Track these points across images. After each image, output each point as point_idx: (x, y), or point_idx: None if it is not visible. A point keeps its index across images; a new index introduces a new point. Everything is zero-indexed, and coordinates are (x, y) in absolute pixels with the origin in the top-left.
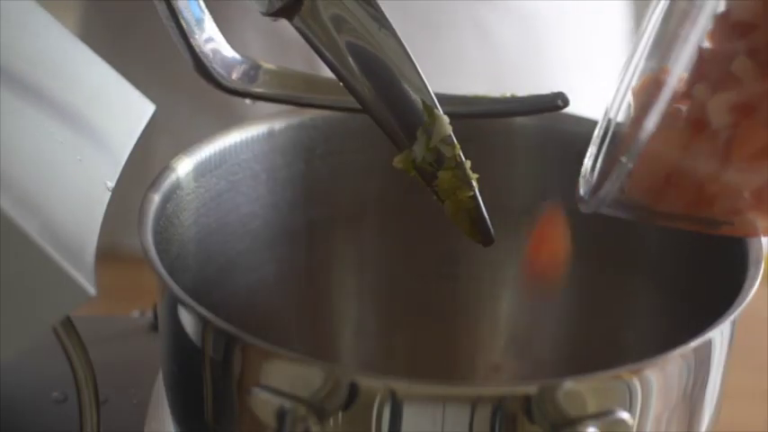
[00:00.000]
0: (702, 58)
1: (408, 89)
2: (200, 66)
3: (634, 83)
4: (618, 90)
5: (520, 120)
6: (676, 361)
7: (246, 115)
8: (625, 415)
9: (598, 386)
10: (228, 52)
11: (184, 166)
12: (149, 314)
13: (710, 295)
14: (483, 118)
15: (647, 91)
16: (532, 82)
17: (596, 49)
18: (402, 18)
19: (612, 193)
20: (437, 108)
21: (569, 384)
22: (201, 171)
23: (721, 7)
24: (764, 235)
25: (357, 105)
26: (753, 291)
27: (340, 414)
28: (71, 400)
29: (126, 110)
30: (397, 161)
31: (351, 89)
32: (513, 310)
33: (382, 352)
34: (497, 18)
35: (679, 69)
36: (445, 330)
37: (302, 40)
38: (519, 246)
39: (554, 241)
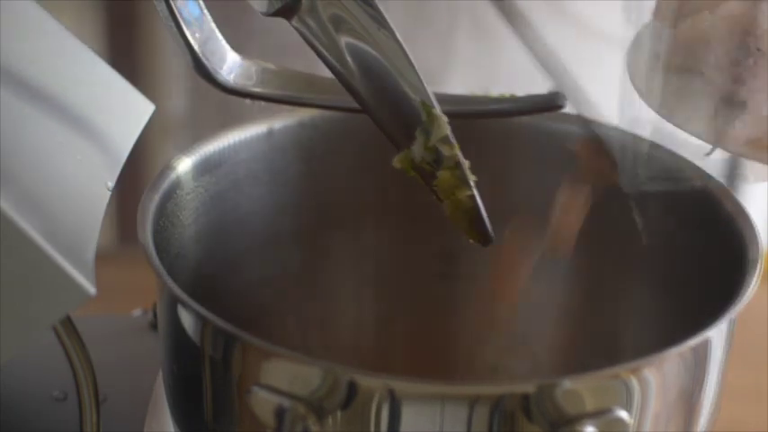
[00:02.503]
0: None
1: (407, 89)
2: (200, 66)
3: None
4: None
5: (519, 119)
6: (674, 360)
7: (246, 115)
8: (623, 414)
9: (596, 385)
10: (228, 52)
11: (184, 166)
12: (150, 313)
13: (709, 294)
14: (482, 118)
15: None
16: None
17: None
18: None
19: None
20: (436, 108)
21: (568, 383)
22: (201, 171)
23: None
24: None
25: (356, 105)
26: (751, 290)
27: (339, 413)
28: (71, 399)
29: (126, 110)
30: (397, 161)
31: (350, 89)
32: (512, 309)
33: (381, 351)
34: (495, 18)
35: None
36: (444, 330)
37: (302, 41)
38: (517, 245)
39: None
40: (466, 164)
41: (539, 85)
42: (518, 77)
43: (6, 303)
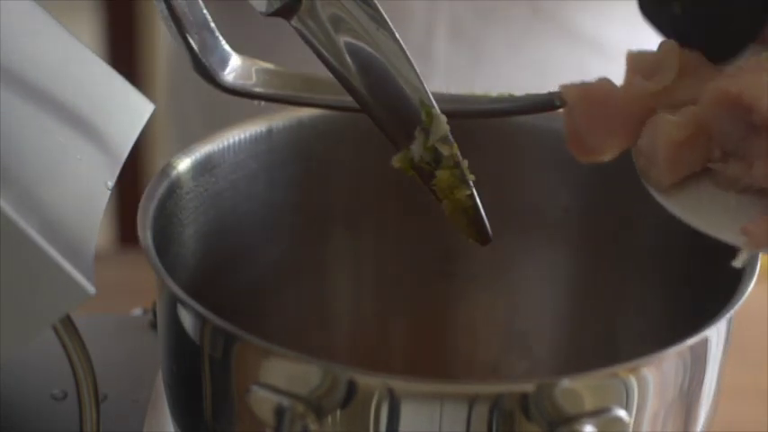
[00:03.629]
0: None
1: (406, 89)
2: (200, 65)
3: None
4: None
5: (517, 119)
6: (673, 359)
7: (245, 115)
8: (622, 413)
9: (595, 384)
10: (228, 52)
11: (184, 166)
12: (150, 313)
13: (707, 293)
14: (480, 117)
15: None
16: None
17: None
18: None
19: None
20: (435, 107)
21: (566, 382)
22: (201, 170)
23: None
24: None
25: (355, 105)
26: (749, 289)
27: (338, 412)
28: (71, 398)
29: (126, 110)
30: (396, 160)
31: (349, 89)
32: (511, 308)
33: (380, 350)
34: (474, 23)
35: None
36: (443, 329)
37: (301, 41)
38: (516, 245)
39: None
40: (465, 163)
41: (520, 91)
42: (498, 83)
43: (6, 303)
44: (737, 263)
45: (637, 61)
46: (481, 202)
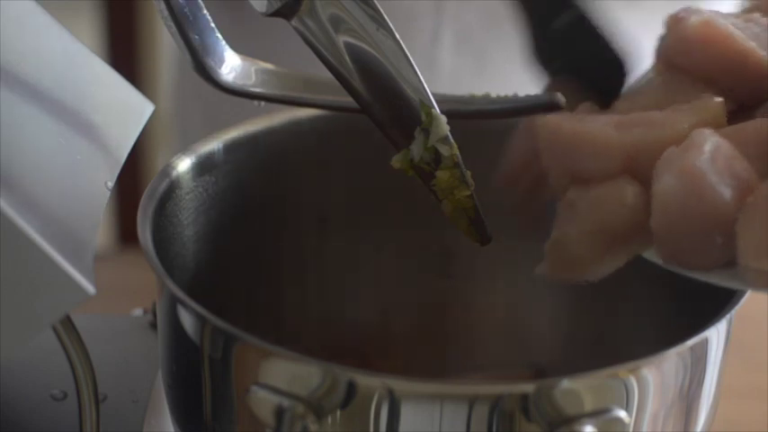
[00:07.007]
0: None
1: (406, 89)
2: (200, 65)
3: None
4: None
5: (519, 119)
6: (673, 359)
7: (245, 115)
8: (622, 413)
9: (595, 385)
10: (228, 52)
11: (184, 166)
12: (150, 313)
13: (707, 294)
14: (480, 118)
15: None
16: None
17: None
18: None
19: None
20: (435, 108)
21: (566, 383)
22: (201, 170)
23: None
24: None
25: (355, 105)
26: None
27: (338, 412)
28: (70, 398)
29: (126, 110)
30: (396, 161)
31: (349, 89)
32: (511, 308)
33: (380, 351)
34: (479, 31)
35: None
36: (444, 329)
37: (301, 41)
38: (516, 245)
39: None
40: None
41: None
42: (502, 90)
43: (6, 303)
44: None
45: None
46: (481, 202)
